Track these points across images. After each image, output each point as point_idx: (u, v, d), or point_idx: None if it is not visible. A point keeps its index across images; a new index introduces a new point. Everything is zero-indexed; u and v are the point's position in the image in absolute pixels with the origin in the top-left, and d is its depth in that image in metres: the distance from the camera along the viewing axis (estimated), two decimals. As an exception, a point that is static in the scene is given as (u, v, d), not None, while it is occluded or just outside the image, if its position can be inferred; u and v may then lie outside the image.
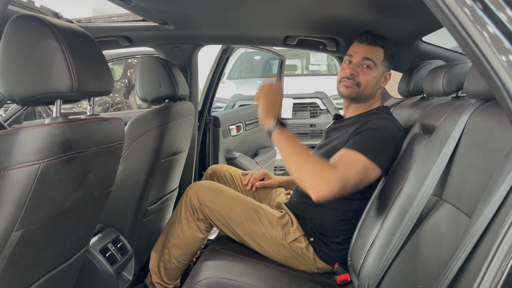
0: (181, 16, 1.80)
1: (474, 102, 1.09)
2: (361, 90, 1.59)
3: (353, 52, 1.61)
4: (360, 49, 1.60)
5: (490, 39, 0.62)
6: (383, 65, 1.61)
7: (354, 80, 1.58)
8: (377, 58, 1.59)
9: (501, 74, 0.60)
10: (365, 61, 1.58)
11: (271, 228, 1.56)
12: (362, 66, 1.58)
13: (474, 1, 0.64)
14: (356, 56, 1.60)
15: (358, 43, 1.61)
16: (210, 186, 1.64)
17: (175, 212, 1.68)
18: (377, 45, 1.59)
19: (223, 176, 2.00)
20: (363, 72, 1.58)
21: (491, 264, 0.61)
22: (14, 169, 0.83)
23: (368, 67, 1.58)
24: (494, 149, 0.89)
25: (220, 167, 2.06)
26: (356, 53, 1.60)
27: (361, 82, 1.58)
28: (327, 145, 1.62)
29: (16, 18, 0.92)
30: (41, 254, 1.01)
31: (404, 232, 1.15)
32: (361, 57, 1.58)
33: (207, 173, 2.05)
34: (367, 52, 1.58)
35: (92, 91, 1.04)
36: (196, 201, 1.60)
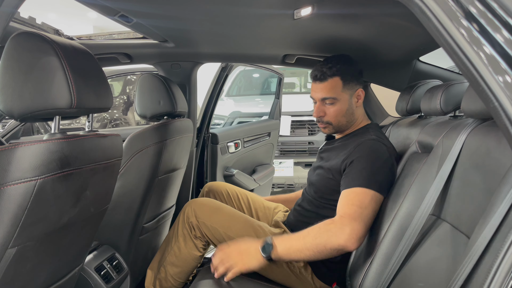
0: (181, 34, 1.82)
1: (471, 121, 1.09)
2: (335, 126, 1.60)
3: (312, 94, 1.60)
4: (316, 90, 1.58)
5: (487, 59, 0.63)
6: (346, 92, 1.57)
7: (323, 121, 1.59)
8: (335, 90, 1.55)
9: (498, 95, 0.61)
10: (325, 101, 1.57)
11: None
12: (325, 104, 1.57)
13: (470, 22, 0.65)
14: (315, 98, 1.59)
15: (312, 81, 1.59)
16: (207, 203, 1.63)
17: (172, 230, 1.67)
18: (331, 78, 1.55)
19: (219, 193, 1.99)
20: (328, 110, 1.57)
21: (491, 285, 0.60)
22: (11, 185, 0.83)
23: (331, 103, 1.56)
24: (492, 169, 0.89)
25: (217, 184, 2.05)
26: (314, 95, 1.59)
27: (330, 120, 1.58)
28: (322, 167, 1.62)
29: (17, 34, 0.93)
30: (35, 271, 0.99)
31: (402, 252, 1.14)
32: (319, 98, 1.57)
33: (204, 191, 2.02)
34: (322, 91, 1.56)
35: (91, 108, 1.04)
36: (193, 218, 1.58)
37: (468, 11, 0.65)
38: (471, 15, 0.65)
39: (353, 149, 1.49)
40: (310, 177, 1.72)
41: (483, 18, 0.64)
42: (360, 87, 1.62)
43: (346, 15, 1.44)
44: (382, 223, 1.34)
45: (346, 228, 1.30)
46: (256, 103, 5.53)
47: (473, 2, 0.65)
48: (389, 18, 1.44)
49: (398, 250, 1.15)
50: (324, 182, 1.58)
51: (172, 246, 1.63)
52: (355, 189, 1.39)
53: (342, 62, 1.58)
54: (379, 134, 1.59)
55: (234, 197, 1.97)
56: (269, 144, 3.37)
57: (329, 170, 1.56)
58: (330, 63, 1.56)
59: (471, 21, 0.65)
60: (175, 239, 1.62)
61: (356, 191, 1.38)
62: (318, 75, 1.56)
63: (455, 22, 0.65)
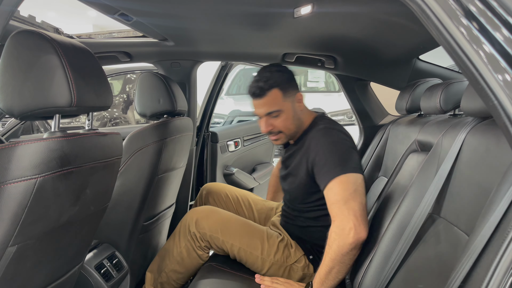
0: (181, 33, 1.82)
1: (471, 120, 1.09)
2: (287, 134, 1.58)
3: (256, 112, 1.56)
4: (258, 106, 1.53)
5: (486, 58, 0.63)
6: (287, 101, 1.53)
7: (274, 133, 1.56)
8: (276, 102, 1.52)
9: (498, 93, 0.61)
10: (270, 115, 1.53)
11: (273, 252, 1.55)
12: (271, 118, 1.54)
13: (470, 20, 0.65)
14: (259, 114, 1.55)
15: (252, 98, 1.54)
16: (209, 213, 1.62)
17: (172, 239, 1.65)
18: (269, 91, 1.50)
19: (219, 196, 1.97)
20: (275, 122, 1.54)
21: (490, 282, 0.60)
22: (11, 183, 0.83)
23: (276, 116, 1.53)
24: (492, 167, 0.89)
25: (216, 186, 2.03)
26: (258, 112, 1.55)
27: (281, 129, 1.55)
28: (291, 174, 1.61)
29: (17, 33, 0.93)
30: (35, 270, 0.99)
31: (402, 250, 1.14)
32: (264, 114, 1.53)
33: (202, 193, 2.00)
34: (264, 106, 1.52)
35: (91, 106, 1.04)
36: (195, 229, 1.58)
37: (468, 9, 0.65)
38: (471, 14, 0.65)
39: (309, 146, 1.49)
40: (283, 186, 1.72)
41: (483, 16, 0.65)
42: (297, 91, 1.58)
43: (346, 13, 1.44)
44: (382, 222, 1.34)
45: (345, 229, 1.30)
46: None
47: (472, 1, 0.65)
48: (389, 16, 1.44)
49: (397, 248, 1.15)
50: (299, 189, 1.57)
51: (173, 255, 1.62)
52: (332, 184, 1.37)
53: (275, 72, 1.53)
54: (326, 121, 1.57)
55: (234, 200, 1.96)
56: (269, 143, 3.37)
57: (298, 175, 1.55)
58: (264, 77, 1.51)
59: (471, 19, 0.65)
60: (177, 250, 1.61)
61: (334, 184, 1.37)
62: (257, 91, 1.50)
63: (454, 20, 0.65)
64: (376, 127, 2.36)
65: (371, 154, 2.09)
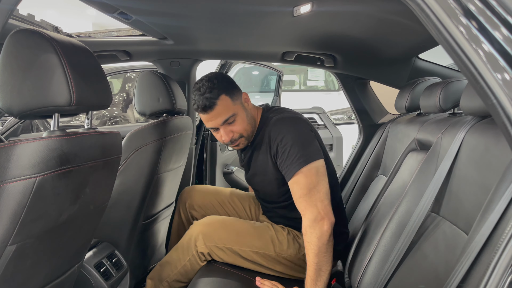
0: (180, 31, 1.81)
1: (470, 119, 1.10)
2: (247, 136, 1.56)
3: (211, 125, 1.51)
4: (212, 119, 1.49)
5: (486, 57, 0.63)
6: (236, 103, 1.51)
7: (236, 139, 1.53)
8: (229, 107, 1.48)
9: (497, 92, 0.61)
10: (227, 122, 1.50)
11: (285, 247, 1.57)
12: (228, 125, 1.51)
13: (469, 20, 0.65)
14: (215, 126, 1.51)
15: (204, 114, 1.49)
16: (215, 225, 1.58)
17: (175, 252, 1.62)
18: (218, 99, 1.46)
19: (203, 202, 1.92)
20: (233, 127, 1.51)
21: (489, 281, 0.61)
22: (10, 182, 0.83)
23: (232, 121, 1.50)
24: (491, 166, 0.89)
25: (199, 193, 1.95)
26: (213, 124, 1.50)
27: (241, 132, 1.53)
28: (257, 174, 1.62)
29: (16, 32, 0.93)
30: (35, 269, 0.99)
31: (401, 249, 1.14)
32: (220, 124, 1.49)
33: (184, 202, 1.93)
34: (219, 116, 1.48)
35: (91, 105, 1.04)
36: (204, 245, 1.55)
37: (467, 8, 0.65)
38: (470, 13, 0.65)
39: (268, 141, 1.50)
40: (254, 187, 1.72)
41: (482, 15, 0.65)
42: (241, 92, 1.57)
43: (345, 12, 1.44)
44: (381, 220, 1.34)
45: (317, 220, 1.36)
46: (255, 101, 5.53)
47: (472, 0, 0.65)
48: (388, 15, 1.44)
49: (396, 247, 1.16)
50: (271, 185, 1.58)
51: (177, 267, 1.61)
52: (296, 177, 1.40)
53: (214, 80, 1.49)
54: (275, 111, 1.58)
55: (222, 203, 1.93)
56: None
57: (267, 172, 1.55)
58: (207, 88, 1.47)
59: (470, 18, 0.65)
60: (181, 263, 1.60)
61: (298, 178, 1.40)
62: (207, 103, 1.45)
63: (454, 19, 0.65)
64: (375, 125, 2.36)
65: (371, 152, 2.09)
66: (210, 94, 1.45)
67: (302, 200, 1.39)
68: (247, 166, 1.69)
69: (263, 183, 1.61)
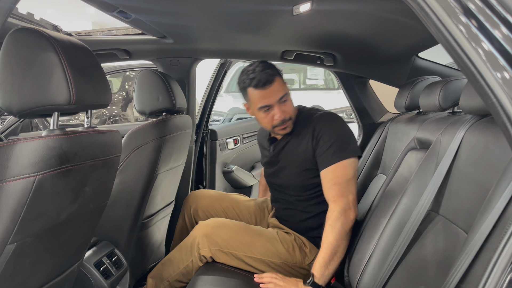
0: (180, 30, 1.81)
1: (470, 117, 1.10)
2: (293, 119, 1.60)
3: (267, 101, 1.53)
4: (269, 94, 1.52)
5: (485, 56, 0.63)
6: (285, 86, 1.57)
7: (286, 120, 1.56)
8: (283, 86, 1.55)
9: (496, 91, 0.61)
10: (281, 99, 1.53)
11: (290, 256, 1.57)
12: (281, 104, 1.54)
13: (469, 18, 0.65)
14: (272, 102, 1.53)
15: (261, 90, 1.52)
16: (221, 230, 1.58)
17: (178, 252, 1.63)
18: (276, 77, 1.52)
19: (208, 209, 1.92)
20: (286, 106, 1.55)
21: (489, 279, 0.61)
22: (10, 181, 0.83)
23: (286, 100, 1.55)
24: (490, 165, 0.89)
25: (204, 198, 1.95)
26: (270, 99, 1.52)
27: (291, 115, 1.57)
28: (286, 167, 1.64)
29: (15, 31, 0.93)
30: (35, 267, 1.00)
31: (401, 248, 1.14)
32: (277, 99, 1.52)
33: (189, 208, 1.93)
34: (276, 92, 1.52)
35: (90, 104, 1.04)
36: (207, 248, 1.55)
37: (467, 7, 0.65)
38: (470, 12, 0.65)
39: (311, 132, 1.54)
40: (276, 182, 1.71)
41: (482, 14, 0.65)
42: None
43: (345, 11, 1.44)
44: (381, 219, 1.34)
45: (347, 209, 1.43)
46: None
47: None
48: (388, 14, 1.44)
49: (396, 245, 1.16)
50: (300, 178, 1.60)
51: (179, 268, 1.61)
52: (335, 166, 1.47)
53: (268, 63, 1.57)
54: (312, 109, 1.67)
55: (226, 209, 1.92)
56: (268, 140, 3.37)
57: (298, 164, 1.58)
58: (265, 66, 1.53)
59: (470, 17, 0.65)
60: (183, 263, 1.60)
61: (337, 167, 1.47)
62: (268, 78, 1.50)
63: (453, 18, 0.65)
64: (375, 124, 2.36)
65: (370, 151, 2.09)
66: (270, 70, 1.52)
67: (336, 188, 1.46)
68: (276, 159, 1.69)
69: (292, 175, 1.62)
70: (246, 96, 1.59)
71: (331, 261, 1.40)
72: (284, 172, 1.65)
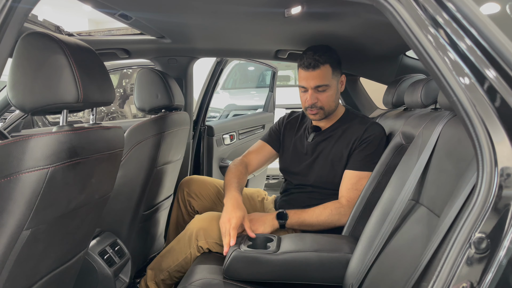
0: (178, 31, 1.89)
1: (448, 114, 1.18)
2: (326, 111, 1.69)
3: (304, 82, 1.65)
4: (309, 78, 1.63)
5: (451, 64, 0.71)
6: (334, 78, 1.67)
7: (316, 107, 1.66)
8: (327, 77, 1.64)
9: (457, 91, 0.70)
10: (318, 88, 1.64)
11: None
12: (317, 92, 1.64)
13: (437, 30, 0.73)
14: (307, 85, 1.64)
15: (304, 70, 1.63)
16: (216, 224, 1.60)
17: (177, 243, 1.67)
18: (323, 65, 1.62)
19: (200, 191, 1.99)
20: (321, 96, 1.65)
21: (449, 256, 0.70)
22: (25, 173, 0.91)
23: (323, 90, 1.65)
24: (463, 157, 0.98)
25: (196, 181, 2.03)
26: (307, 82, 1.63)
27: (324, 105, 1.66)
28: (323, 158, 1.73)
29: (27, 35, 1.01)
30: (46, 253, 1.08)
31: (384, 235, 1.23)
32: (313, 85, 1.63)
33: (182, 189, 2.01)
34: (316, 79, 1.62)
35: (96, 102, 1.12)
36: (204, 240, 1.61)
37: (435, 20, 0.73)
38: (438, 24, 0.73)
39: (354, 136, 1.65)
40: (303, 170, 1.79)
41: (449, 27, 0.73)
42: (342, 73, 1.74)
43: (334, 13, 1.52)
44: (366, 209, 1.43)
45: (349, 212, 1.53)
46: (251, 96, 5.60)
47: (440, 12, 0.73)
48: (374, 15, 1.51)
49: (380, 233, 1.24)
50: (331, 171, 1.70)
51: (178, 260, 1.66)
52: (360, 173, 1.59)
53: (328, 50, 1.67)
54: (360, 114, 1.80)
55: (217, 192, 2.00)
56: (264, 136, 3.45)
57: (333, 159, 1.69)
58: (319, 52, 1.63)
59: (438, 29, 0.73)
60: (182, 256, 1.65)
61: (361, 175, 1.59)
62: (312, 63, 1.61)
63: (423, 29, 0.74)
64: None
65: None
66: (319, 57, 1.62)
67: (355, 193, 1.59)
68: (316, 148, 1.77)
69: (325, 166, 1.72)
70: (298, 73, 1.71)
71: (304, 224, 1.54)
72: (317, 163, 1.75)
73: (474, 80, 0.69)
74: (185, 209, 2.02)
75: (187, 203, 2.02)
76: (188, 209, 2.01)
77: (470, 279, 0.67)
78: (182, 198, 2.03)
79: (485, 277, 0.65)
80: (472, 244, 0.67)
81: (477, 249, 0.67)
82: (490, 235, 0.66)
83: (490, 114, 0.68)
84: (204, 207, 1.98)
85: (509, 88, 0.67)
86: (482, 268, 0.66)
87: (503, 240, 0.64)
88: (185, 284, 1.41)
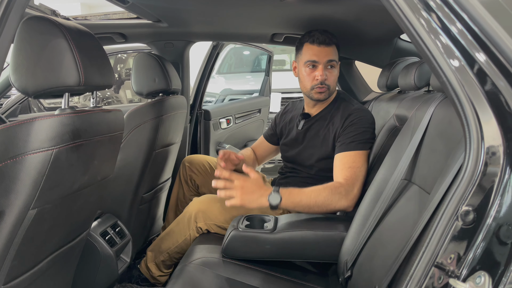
0: (174, 14, 1.89)
1: (440, 95, 1.21)
2: (331, 91, 1.71)
3: (315, 57, 1.65)
4: (322, 53, 1.65)
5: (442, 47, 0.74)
6: (338, 60, 1.71)
7: (325, 85, 1.67)
8: (336, 54, 1.69)
9: (447, 73, 0.73)
10: (330, 63, 1.67)
11: None
12: (327, 68, 1.67)
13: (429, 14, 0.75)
14: (320, 60, 1.65)
15: (316, 45, 1.65)
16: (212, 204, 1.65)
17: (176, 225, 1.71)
18: (333, 44, 1.67)
19: (202, 166, 2.05)
20: (330, 73, 1.67)
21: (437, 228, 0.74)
22: (30, 154, 0.94)
23: (332, 67, 1.68)
24: (453, 137, 1.01)
25: (197, 158, 2.10)
26: (319, 57, 1.65)
27: (330, 84, 1.68)
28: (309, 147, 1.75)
29: (28, 19, 1.02)
30: (51, 232, 1.12)
31: (378, 213, 1.27)
32: (325, 60, 1.65)
33: (184, 165, 2.07)
34: (328, 54, 1.65)
35: (97, 85, 1.14)
36: (203, 222, 1.65)
37: (428, 4, 0.76)
38: (430, 8, 0.76)
39: (339, 119, 1.66)
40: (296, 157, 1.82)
41: (441, 11, 0.75)
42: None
43: (330, -3, 1.54)
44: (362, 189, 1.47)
45: (351, 193, 1.50)
46: (246, 81, 5.60)
47: None
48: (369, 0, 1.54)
49: (374, 211, 1.28)
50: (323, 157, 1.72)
51: (178, 241, 1.70)
52: (349, 153, 1.57)
53: (334, 35, 1.70)
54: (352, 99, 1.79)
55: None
56: (260, 120, 3.48)
57: (322, 143, 1.70)
58: (327, 32, 1.67)
59: (430, 13, 0.76)
60: (181, 237, 1.69)
61: (351, 154, 1.56)
62: (327, 39, 1.64)
63: (416, 13, 0.76)
64: (360, 103, 2.48)
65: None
66: (331, 36, 1.66)
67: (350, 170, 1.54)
68: (306, 135, 1.79)
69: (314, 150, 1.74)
70: (299, 52, 1.71)
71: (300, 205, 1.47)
72: (308, 151, 1.76)
73: (464, 62, 0.72)
74: (186, 184, 2.06)
75: (188, 178, 2.06)
76: (189, 183, 2.06)
77: (457, 250, 0.71)
78: (184, 174, 2.07)
79: (471, 248, 0.69)
80: (459, 216, 0.71)
81: (464, 222, 0.70)
82: (476, 209, 0.70)
83: (478, 95, 0.71)
84: (205, 182, 2.03)
85: (498, 71, 0.70)
86: (468, 239, 0.70)
87: (488, 213, 0.68)
88: (185, 263, 1.45)
